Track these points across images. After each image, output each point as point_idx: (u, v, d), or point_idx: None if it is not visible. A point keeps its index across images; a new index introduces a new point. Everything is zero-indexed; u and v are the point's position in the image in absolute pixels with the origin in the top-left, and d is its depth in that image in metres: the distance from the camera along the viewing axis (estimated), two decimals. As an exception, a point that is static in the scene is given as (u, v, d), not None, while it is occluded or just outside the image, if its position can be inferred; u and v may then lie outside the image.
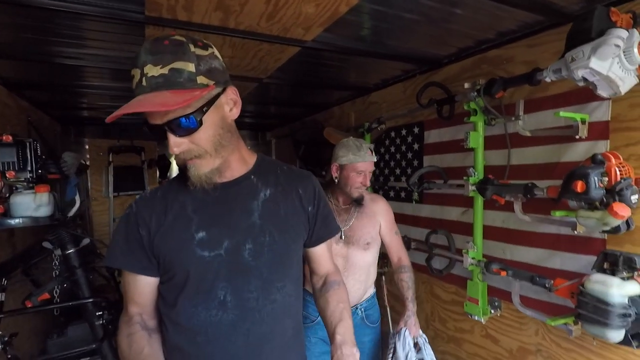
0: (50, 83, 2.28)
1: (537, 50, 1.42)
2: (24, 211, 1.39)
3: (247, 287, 0.87)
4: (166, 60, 0.73)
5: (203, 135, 0.79)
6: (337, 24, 1.38)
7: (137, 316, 0.90)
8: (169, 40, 0.75)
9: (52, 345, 2.42)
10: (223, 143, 0.83)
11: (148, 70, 0.73)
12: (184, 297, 0.87)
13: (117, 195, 4.48)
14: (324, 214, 1.04)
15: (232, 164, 0.90)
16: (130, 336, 0.86)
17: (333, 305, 1.01)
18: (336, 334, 0.94)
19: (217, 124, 0.81)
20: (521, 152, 1.46)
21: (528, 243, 1.44)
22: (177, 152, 0.79)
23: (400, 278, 1.69)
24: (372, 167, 1.66)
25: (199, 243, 0.86)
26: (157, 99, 0.72)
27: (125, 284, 0.92)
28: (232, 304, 0.86)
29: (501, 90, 1.38)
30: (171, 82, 0.73)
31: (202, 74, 0.76)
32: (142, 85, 0.74)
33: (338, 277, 1.10)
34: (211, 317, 0.86)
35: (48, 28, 1.41)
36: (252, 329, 0.88)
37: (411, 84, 2.11)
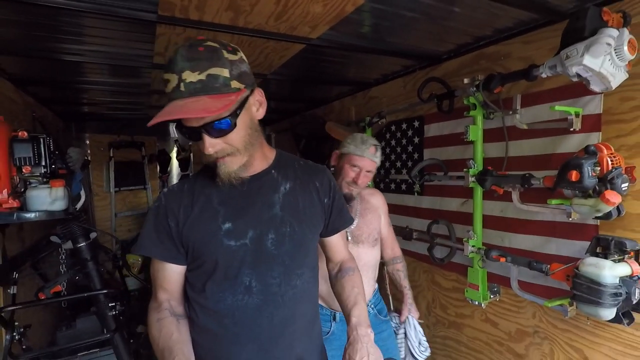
0: (53, 79, 2.32)
1: (533, 47, 1.48)
2: (40, 205, 1.43)
3: (271, 273, 0.94)
4: (203, 67, 0.78)
5: (236, 136, 0.85)
6: (342, 22, 1.43)
7: (166, 302, 0.96)
8: (203, 47, 0.80)
9: (62, 337, 2.48)
10: (252, 141, 0.89)
11: (186, 77, 0.77)
12: (212, 283, 0.93)
13: (119, 191, 4.52)
14: (339, 206, 1.10)
15: (256, 159, 0.96)
16: (160, 321, 0.92)
17: (348, 289, 1.08)
18: (352, 317, 1.00)
19: (247, 125, 0.87)
20: (518, 144, 1.53)
21: (525, 231, 1.52)
22: (212, 152, 0.84)
23: (396, 268, 1.73)
24: (371, 167, 1.54)
25: (225, 233, 0.92)
26: (198, 105, 0.77)
27: (154, 272, 0.98)
28: (257, 289, 0.93)
29: (499, 86, 1.44)
30: (209, 87, 0.78)
31: (235, 78, 0.81)
32: (180, 91, 0.78)
33: (353, 264, 1.16)
34: (237, 301, 0.92)
35: (52, 25, 1.44)
36: (275, 312, 0.94)
37: (411, 79, 2.17)
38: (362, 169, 1.52)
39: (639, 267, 1.11)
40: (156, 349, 0.90)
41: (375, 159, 1.55)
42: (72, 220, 1.81)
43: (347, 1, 1.24)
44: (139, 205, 4.77)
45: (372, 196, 1.71)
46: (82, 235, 1.88)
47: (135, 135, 4.55)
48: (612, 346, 1.28)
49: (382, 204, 1.73)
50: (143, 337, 2.93)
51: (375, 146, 1.55)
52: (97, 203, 4.47)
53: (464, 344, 1.89)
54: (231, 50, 0.83)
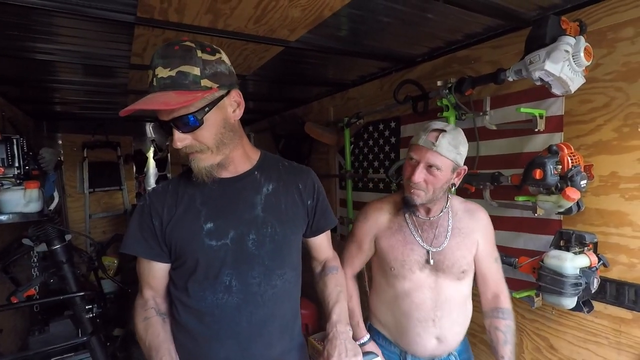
0: (24, 78, 2.24)
1: (501, 52, 1.56)
2: (14, 207, 1.40)
3: (251, 273, 0.96)
4: (174, 64, 0.81)
5: (205, 133, 0.87)
6: (320, 26, 1.47)
7: (152, 300, 0.99)
8: (179, 46, 0.83)
9: (34, 341, 2.41)
10: (225, 141, 0.91)
11: (158, 72, 0.81)
12: (193, 281, 0.95)
13: (93, 192, 4.40)
14: (323, 207, 1.13)
15: (236, 160, 0.98)
16: (147, 320, 0.96)
17: (331, 288, 1.11)
18: (332, 314, 1.04)
19: (219, 124, 0.89)
20: (488, 144, 1.61)
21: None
22: (180, 146, 0.87)
23: (495, 326, 1.22)
24: (434, 160, 1.11)
25: (207, 233, 0.94)
26: (162, 98, 0.80)
27: (140, 269, 1.00)
28: (237, 289, 0.95)
29: (470, 88, 1.51)
30: (177, 83, 0.81)
31: (207, 77, 0.84)
32: (152, 85, 0.82)
33: (336, 263, 1.20)
34: (218, 300, 0.95)
35: (24, 24, 1.41)
36: (254, 311, 0.97)
37: (387, 80, 2.23)
38: (420, 161, 1.13)
39: (596, 259, 1.20)
40: (143, 346, 0.95)
41: (440, 149, 1.10)
42: (47, 222, 1.77)
43: (325, 6, 1.27)
44: (114, 206, 4.65)
45: (470, 214, 1.26)
46: (57, 237, 1.84)
47: (111, 135, 4.45)
48: (574, 334, 1.37)
49: (484, 227, 1.26)
50: (119, 340, 2.88)
51: (438, 131, 1.12)
52: (71, 204, 4.33)
53: (439, 336, 1.96)
54: (209, 51, 0.86)
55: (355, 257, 1.34)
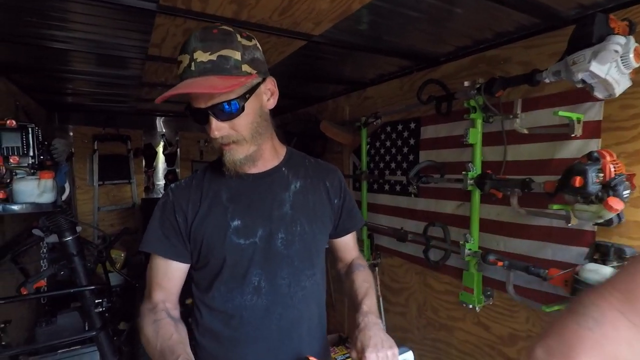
0: (38, 67, 2.21)
1: (534, 52, 1.49)
2: (28, 197, 1.37)
3: (280, 273, 0.92)
4: (215, 48, 0.77)
5: (243, 121, 0.83)
6: (346, 20, 1.41)
7: (162, 304, 0.91)
8: (217, 30, 0.79)
9: (41, 333, 2.39)
10: (260, 131, 0.87)
11: (198, 56, 0.77)
12: (219, 282, 0.90)
13: (102, 184, 4.39)
14: (349, 207, 1.08)
15: (265, 153, 0.93)
16: (157, 322, 0.86)
17: (359, 282, 1.05)
18: (363, 304, 0.96)
19: (256, 112, 0.85)
20: (517, 148, 1.54)
21: (521, 235, 1.53)
22: (218, 135, 0.82)
23: None
24: None
25: (234, 231, 0.89)
26: (206, 83, 0.76)
27: (152, 270, 0.93)
28: (266, 290, 0.90)
29: (501, 89, 1.45)
30: (219, 68, 0.77)
31: (247, 62, 0.80)
32: (190, 70, 0.78)
33: (362, 262, 1.15)
34: (246, 301, 0.90)
35: (40, 10, 1.37)
36: (284, 313, 0.92)
37: (408, 80, 2.16)
38: None
39: (634, 274, 1.13)
40: (153, 351, 0.84)
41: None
42: (59, 214, 1.74)
43: (355, -2, 1.22)
44: (122, 199, 4.65)
45: None
46: (68, 229, 1.81)
47: (121, 128, 4.44)
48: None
49: None
50: (125, 334, 2.86)
51: None
52: (80, 196, 4.33)
53: (454, 346, 1.90)
54: (246, 37, 0.83)
55: None
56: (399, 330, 2.24)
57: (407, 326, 2.20)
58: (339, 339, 2.64)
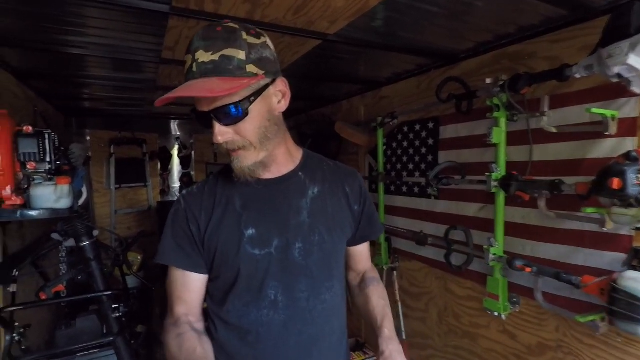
0: (56, 73, 2.24)
1: (561, 46, 1.42)
2: (45, 203, 1.37)
3: (298, 286, 0.87)
4: (217, 47, 0.72)
5: (249, 125, 0.78)
6: (362, 17, 1.36)
7: (184, 317, 0.88)
8: (222, 27, 0.74)
9: (61, 336, 2.41)
10: (268, 136, 0.82)
11: (199, 56, 0.73)
12: (234, 295, 0.86)
13: (119, 188, 4.45)
14: (369, 213, 1.03)
15: (279, 158, 0.89)
16: (181, 336, 0.83)
17: (375, 300, 1.01)
18: (384, 328, 0.92)
19: (264, 116, 0.80)
20: (544, 148, 1.46)
21: (549, 239, 1.45)
22: (221, 141, 0.78)
23: None
24: None
25: (248, 240, 0.84)
26: (205, 85, 0.71)
27: (172, 282, 0.89)
28: (284, 304, 0.86)
29: (526, 86, 1.38)
30: (220, 69, 0.72)
31: (252, 62, 0.75)
32: (192, 71, 0.73)
33: (376, 274, 1.10)
34: (262, 317, 0.85)
35: (57, 16, 1.37)
36: (303, 329, 0.87)
37: (426, 78, 2.10)
38: None
39: (679, 282, 1.05)
40: None
41: None
42: (76, 219, 1.74)
43: (372, -6, 1.17)
44: (139, 202, 4.70)
45: None
46: (85, 233, 1.81)
47: (137, 132, 4.49)
48: (643, 363, 1.21)
49: None
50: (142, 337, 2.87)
51: None
52: (97, 200, 4.40)
53: (478, 355, 1.82)
54: (254, 34, 0.77)
55: None
56: (418, 337, 2.18)
57: (428, 332, 2.14)
58: (356, 344, 2.59)
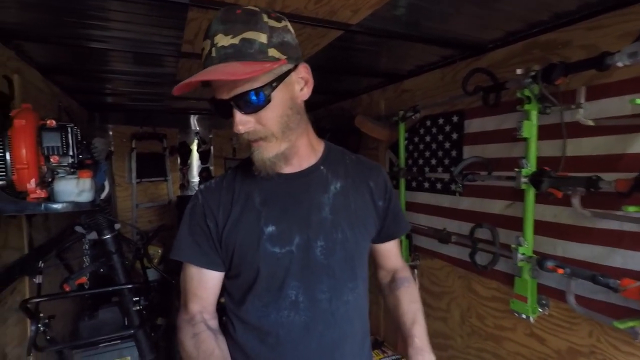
0: (79, 68, 2.27)
1: (599, 33, 1.32)
2: (67, 196, 1.38)
3: (320, 287, 0.83)
4: (237, 30, 0.69)
5: (270, 114, 0.74)
6: (386, 6, 1.31)
7: (199, 315, 0.85)
8: (241, 10, 0.71)
9: (84, 327, 2.47)
10: (291, 125, 0.78)
11: (218, 40, 0.69)
12: (253, 295, 0.83)
13: (140, 182, 4.53)
14: (395, 210, 0.99)
15: (301, 150, 0.85)
16: (197, 336, 0.81)
17: (406, 304, 0.97)
18: (414, 337, 0.89)
19: (286, 103, 0.76)
20: (579, 142, 1.38)
21: (583, 239, 1.37)
22: (243, 130, 0.74)
23: None
24: None
25: (268, 238, 0.81)
26: (225, 69, 0.68)
27: (187, 279, 0.87)
28: (305, 305, 0.82)
29: (562, 77, 1.30)
30: (241, 52, 0.69)
31: (274, 46, 0.71)
32: (211, 57, 0.70)
33: (407, 273, 1.05)
34: (282, 318, 0.82)
35: (80, 10, 1.37)
36: (325, 332, 0.84)
37: (450, 70, 2.02)
38: None
39: None
40: None
41: None
42: (98, 212, 1.76)
43: (398, -20, 1.12)
44: (159, 196, 4.79)
45: None
46: (107, 227, 1.84)
47: (157, 127, 4.55)
48: (685, 373, 1.13)
49: None
50: (162, 330, 2.92)
51: None
52: (119, 194, 4.49)
53: (502, 358, 1.76)
54: (274, 17, 0.73)
55: None
56: (440, 337, 2.12)
57: (449, 333, 2.08)
58: (375, 342, 2.55)
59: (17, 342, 1.64)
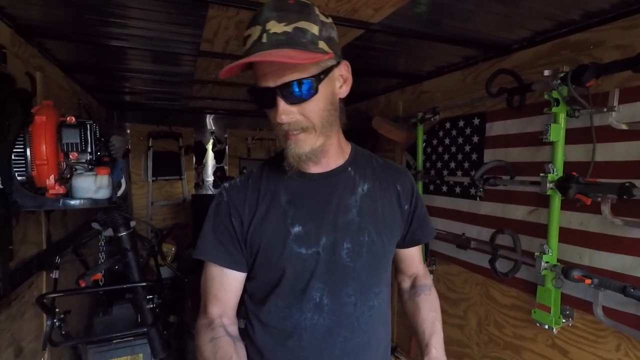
0: (99, 66, 2.30)
1: (635, 33, 1.26)
2: (85, 193, 1.38)
3: (345, 290, 0.81)
4: (291, 19, 0.69)
5: (314, 106, 0.73)
6: (410, 4, 1.28)
7: (218, 319, 0.83)
8: (294, 0, 0.71)
9: (98, 323, 2.49)
10: (330, 120, 0.77)
11: (271, 27, 0.68)
12: (275, 296, 0.81)
13: (155, 180, 4.58)
14: (421, 215, 0.96)
15: (331, 150, 0.83)
16: (215, 340, 0.78)
17: (425, 312, 0.94)
18: (432, 347, 0.86)
19: (328, 98, 0.75)
20: (609, 147, 1.31)
21: (612, 249, 1.31)
22: (286, 120, 0.72)
23: None
24: None
25: (295, 238, 0.79)
26: (281, 53, 0.67)
27: (208, 280, 0.85)
28: (329, 308, 0.80)
29: (593, 78, 1.24)
30: (294, 41, 0.68)
31: (323, 39, 0.71)
32: (261, 42, 0.68)
33: (428, 280, 1.02)
34: (306, 320, 0.80)
35: (100, 7, 1.38)
36: (349, 337, 0.81)
37: (472, 72, 1.97)
38: None
39: None
40: None
41: None
42: (115, 209, 1.77)
43: (424, -24, 1.08)
44: (174, 195, 4.83)
45: None
46: (123, 224, 1.84)
47: (174, 125, 4.59)
48: None
49: None
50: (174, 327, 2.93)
51: None
52: (135, 191, 4.55)
53: (522, 368, 1.70)
54: (322, 13, 0.74)
55: None
56: (455, 344, 2.06)
57: (466, 341, 2.02)
58: (387, 348, 2.51)
59: (33, 337, 1.65)
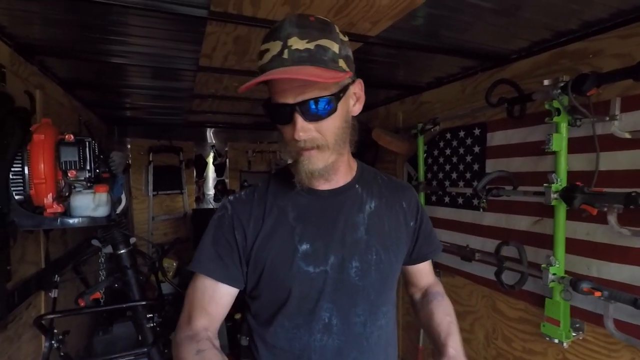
0: (99, 83, 2.32)
1: (634, 42, 1.26)
2: (83, 211, 1.37)
3: (354, 309, 0.79)
4: (313, 36, 0.68)
5: (331, 124, 0.72)
6: (407, 17, 1.28)
7: (204, 332, 0.77)
8: (315, 18, 0.71)
9: (98, 342, 2.45)
10: (344, 138, 0.76)
11: (293, 43, 0.67)
12: (282, 316, 0.78)
13: (156, 194, 4.57)
14: (427, 231, 0.95)
15: (341, 167, 0.82)
16: (202, 353, 0.72)
17: (440, 316, 0.90)
18: (449, 347, 0.81)
19: (343, 116, 0.75)
20: (612, 156, 1.30)
21: (621, 259, 1.28)
22: (304, 137, 0.71)
23: None
24: None
25: (303, 256, 0.77)
26: (306, 70, 0.66)
27: (198, 291, 0.81)
28: (338, 328, 0.78)
29: (594, 87, 1.23)
30: (316, 58, 0.67)
31: (343, 57, 0.71)
32: (281, 58, 0.67)
33: (440, 288, 1.00)
34: (315, 341, 0.77)
35: (101, 25, 1.39)
36: (359, 358, 0.79)
37: (471, 82, 1.97)
38: None
39: None
40: None
41: None
42: (114, 226, 1.75)
43: (421, -10, 1.08)
44: (175, 209, 4.81)
45: None
46: (122, 241, 1.82)
47: (174, 140, 4.60)
48: None
49: None
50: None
51: None
52: (136, 206, 4.53)
53: (532, 383, 1.65)
54: (341, 31, 0.74)
55: None
56: (462, 359, 2.02)
57: (473, 355, 1.97)
58: None
59: (31, 359, 1.62)
